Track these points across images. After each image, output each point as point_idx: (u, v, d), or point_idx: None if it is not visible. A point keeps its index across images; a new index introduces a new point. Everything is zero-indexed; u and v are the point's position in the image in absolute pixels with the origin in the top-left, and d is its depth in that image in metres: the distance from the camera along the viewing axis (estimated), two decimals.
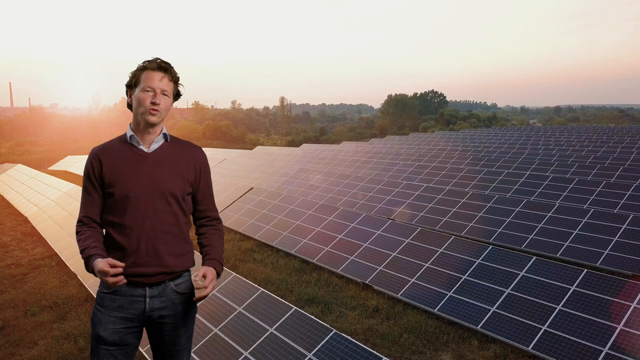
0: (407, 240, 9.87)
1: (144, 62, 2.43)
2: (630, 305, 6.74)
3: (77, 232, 2.44)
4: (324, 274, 10.19)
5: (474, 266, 8.54)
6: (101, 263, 2.19)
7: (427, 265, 9.02)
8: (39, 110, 76.38)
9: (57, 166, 33.27)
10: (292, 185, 18.95)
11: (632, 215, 10.64)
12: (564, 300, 7.22)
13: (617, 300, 6.89)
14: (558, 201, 14.58)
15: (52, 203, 15.17)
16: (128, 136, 2.48)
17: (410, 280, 8.86)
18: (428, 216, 13.65)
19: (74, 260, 10.67)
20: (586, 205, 13.90)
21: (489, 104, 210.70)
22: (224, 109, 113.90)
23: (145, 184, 2.40)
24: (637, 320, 6.52)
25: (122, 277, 2.20)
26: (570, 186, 15.04)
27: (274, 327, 6.29)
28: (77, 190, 15.19)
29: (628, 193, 13.70)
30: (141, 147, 2.46)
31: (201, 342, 6.43)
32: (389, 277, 9.19)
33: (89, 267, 2.29)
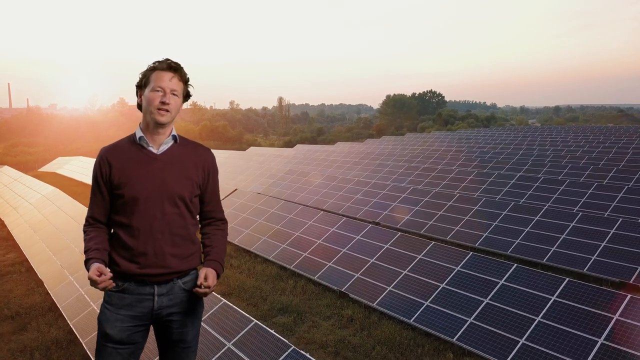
0: (386, 246, 9.49)
1: (154, 63, 2.42)
2: (613, 318, 6.36)
3: (84, 232, 2.47)
4: (301, 281, 9.81)
5: (452, 274, 8.17)
6: (91, 271, 2.24)
7: (405, 272, 8.65)
8: (35, 111, 75.99)
9: (47, 167, 32.93)
10: (279, 187, 18.58)
11: (620, 219, 10.26)
12: (543, 311, 6.84)
13: (598, 312, 6.51)
14: (548, 204, 14.20)
15: (30, 206, 14.81)
16: (137, 137, 2.46)
17: (387, 289, 8.48)
18: (413, 219, 13.27)
19: (43, 267, 10.31)
20: (576, 208, 13.52)
21: (488, 104, 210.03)
22: (223, 109, 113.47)
23: (154, 186, 2.40)
24: (619, 333, 6.14)
25: (110, 281, 2.26)
26: (561, 188, 14.66)
27: (231, 342, 5.92)
28: (56, 194, 14.84)
29: (619, 195, 13.32)
30: (150, 148, 2.44)
31: (155, 358, 6.05)
32: (365, 285, 8.82)
33: (87, 269, 2.35)
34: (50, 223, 12.54)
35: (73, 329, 7.62)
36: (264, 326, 5.97)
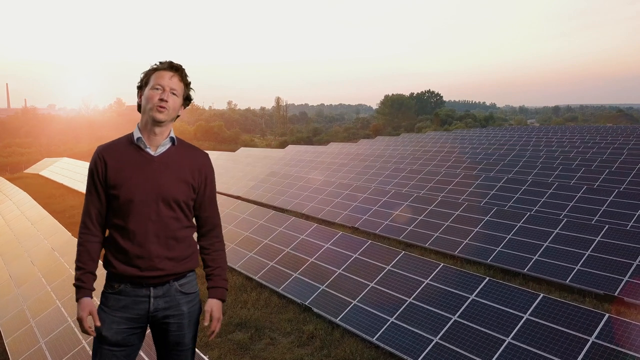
0: (354, 256, 8.88)
1: (155, 64, 2.42)
2: (589, 340, 5.75)
3: (78, 241, 2.45)
4: (265, 292, 9.21)
5: (421, 287, 7.56)
6: (84, 312, 2.34)
7: (371, 285, 8.04)
8: (31, 111, 75.46)
9: (33, 169, 32.38)
10: (260, 190, 17.98)
11: (607, 226, 9.64)
12: (514, 331, 6.23)
13: (573, 332, 5.90)
14: (536, 207, 13.59)
15: None
16: (135, 138, 2.43)
17: (351, 303, 7.87)
18: (393, 224, 12.66)
19: None
20: (564, 212, 12.90)
21: (488, 103, 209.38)
22: (221, 109, 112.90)
23: (150, 189, 2.37)
24: (594, 358, 5.53)
25: (93, 332, 2.37)
26: (550, 191, 14.04)
27: None
28: (22, 197, 14.26)
29: (609, 199, 12.70)
30: (148, 150, 2.42)
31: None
32: (330, 298, 8.21)
33: (77, 299, 2.39)
34: (10, 229, 11.95)
35: (7, 348, 7.03)
36: (198, 351, 5.37)
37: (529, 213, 10.97)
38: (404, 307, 7.35)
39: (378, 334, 7.07)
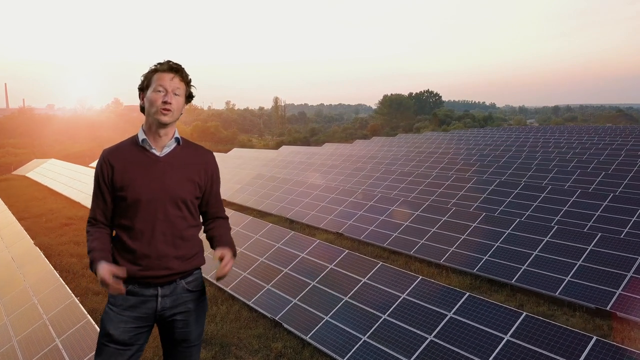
0: (330, 266, 8.34)
1: (155, 65, 2.44)
2: None
3: (87, 232, 2.48)
4: (236, 305, 8.67)
5: (397, 302, 7.02)
6: (104, 270, 2.26)
7: (345, 299, 7.50)
8: (27, 111, 74.99)
9: (22, 170, 31.88)
10: (245, 193, 17.44)
11: (599, 234, 9.09)
12: (493, 355, 5.69)
13: (557, 357, 5.36)
14: (527, 212, 13.04)
15: None
16: (140, 139, 2.46)
17: (323, 319, 7.33)
18: (378, 230, 12.11)
19: None
20: (557, 218, 12.35)
21: (487, 103, 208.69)
22: (220, 109, 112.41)
23: (157, 189, 2.40)
24: None
25: (122, 287, 2.27)
26: (542, 195, 13.49)
27: None
28: None
29: (604, 204, 12.15)
30: (153, 150, 2.45)
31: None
32: (302, 313, 7.67)
33: (93, 269, 2.35)
34: None
35: None
36: None
37: (518, 219, 10.43)
38: (377, 324, 6.81)
39: (348, 355, 6.53)
